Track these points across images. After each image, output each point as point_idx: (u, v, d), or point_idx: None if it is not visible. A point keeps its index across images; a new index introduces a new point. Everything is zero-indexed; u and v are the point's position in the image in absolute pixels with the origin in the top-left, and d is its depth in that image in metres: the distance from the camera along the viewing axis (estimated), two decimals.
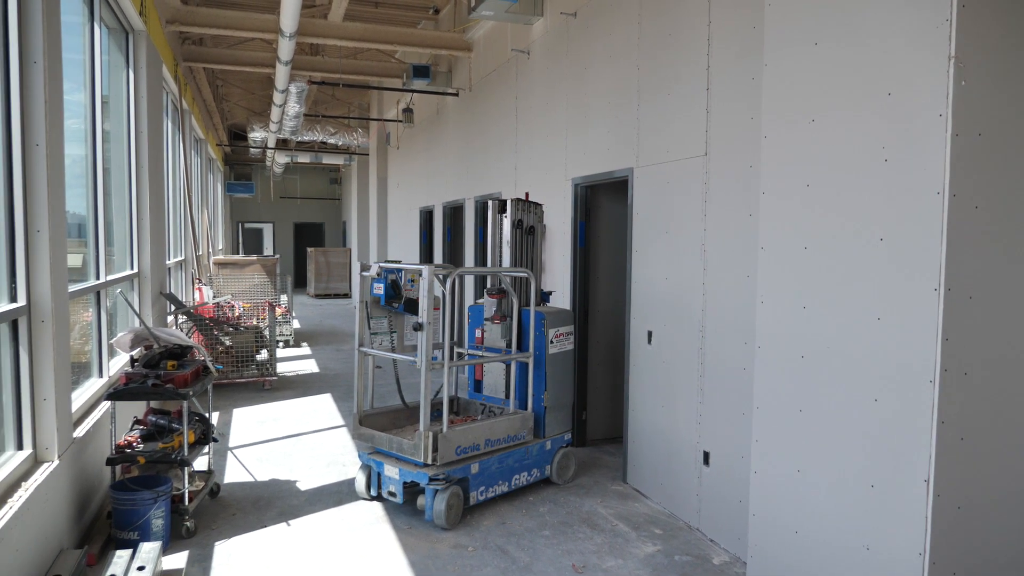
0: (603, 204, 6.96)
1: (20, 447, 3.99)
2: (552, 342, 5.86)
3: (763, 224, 4.05)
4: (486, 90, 9.71)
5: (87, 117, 5.68)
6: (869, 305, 3.37)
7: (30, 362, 4.03)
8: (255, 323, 10.02)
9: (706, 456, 4.94)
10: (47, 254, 4.04)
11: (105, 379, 5.86)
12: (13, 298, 3.94)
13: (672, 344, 5.33)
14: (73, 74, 5.33)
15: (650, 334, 5.60)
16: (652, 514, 5.33)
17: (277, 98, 12.18)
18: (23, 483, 3.75)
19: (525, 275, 5.82)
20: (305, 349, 12.62)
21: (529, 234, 6.12)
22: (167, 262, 8.69)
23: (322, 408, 8.41)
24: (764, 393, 4.05)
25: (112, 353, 6.17)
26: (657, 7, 5.52)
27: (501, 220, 6.01)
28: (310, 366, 11.06)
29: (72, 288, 4.68)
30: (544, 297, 6.22)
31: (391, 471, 5.22)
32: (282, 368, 10.48)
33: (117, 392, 4.78)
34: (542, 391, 5.82)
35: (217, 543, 4.76)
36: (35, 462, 4.05)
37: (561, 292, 7.07)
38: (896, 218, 3.22)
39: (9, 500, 3.53)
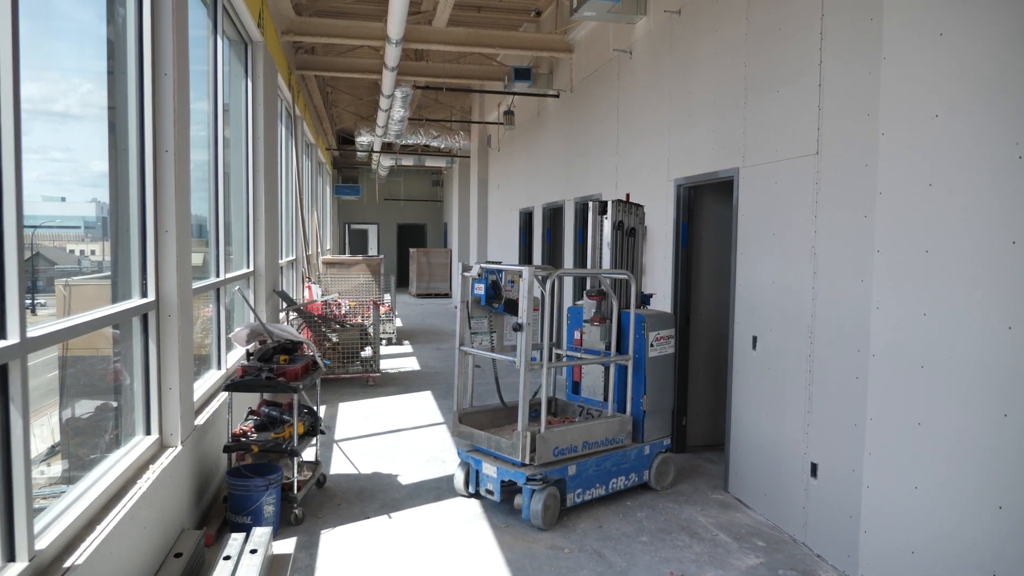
0: (706, 205, 6.79)
1: (148, 432, 4.29)
2: (652, 345, 5.77)
3: (880, 226, 3.85)
4: (587, 91, 9.67)
5: (210, 124, 6.03)
6: (999, 313, 3.15)
7: (158, 353, 4.32)
8: (360, 321, 10.37)
9: (814, 467, 4.73)
10: (174, 253, 4.32)
11: (223, 371, 6.20)
12: (144, 294, 4.24)
13: (779, 350, 5.14)
14: (198, 84, 5.68)
15: (755, 339, 5.42)
16: (755, 525, 5.16)
17: (383, 103, 12.57)
18: (150, 466, 4.03)
19: (625, 277, 5.76)
20: (407, 347, 12.95)
21: (630, 235, 6.05)
22: (280, 261, 9.12)
23: (422, 405, 8.61)
24: (879, 404, 3.85)
25: (230, 347, 6.52)
26: (766, 1, 5.34)
27: (601, 221, 5.96)
28: (411, 364, 11.34)
29: (195, 285, 4.98)
30: (644, 299, 6.14)
31: (489, 469, 5.28)
32: (385, 365, 10.80)
33: (234, 384, 5.06)
34: (641, 395, 5.75)
35: (323, 531, 4.95)
36: (161, 447, 4.33)
37: (662, 295, 6.95)
38: None
39: (138, 481, 3.79)
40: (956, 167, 3.38)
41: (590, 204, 6.05)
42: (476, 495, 5.58)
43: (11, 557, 2.71)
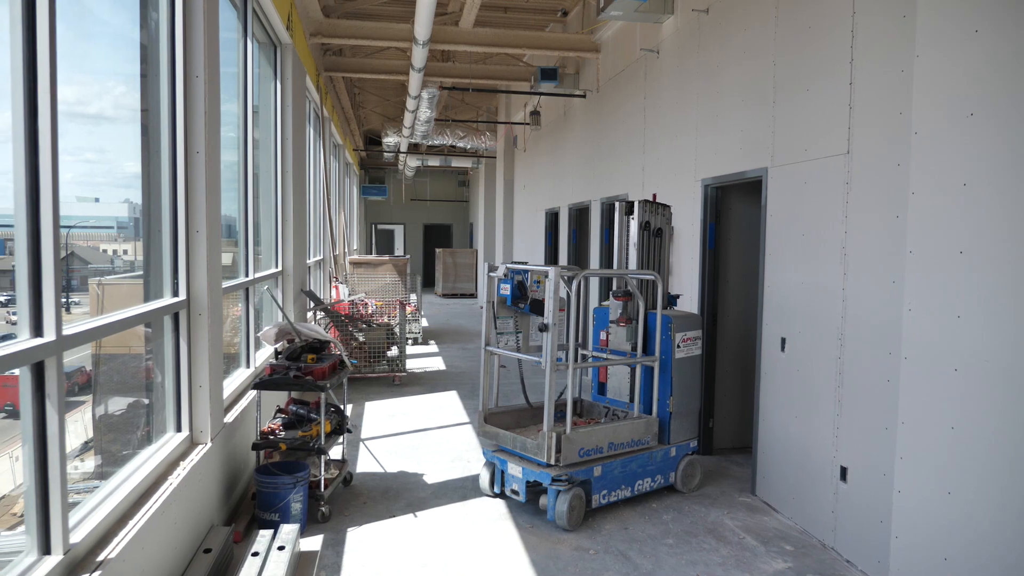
0: (734, 205, 6.73)
1: (179, 429, 4.35)
2: (679, 346, 5.73)
3: (912, 226, 3.79)
4: (614, 91, 9.64)
5: (239, 126, 6.10)
6: None
7: (188, 352, 4.38)
8: (386, 320, 10.43)
9: (843, 471, 4.67)
10: (204, 253, 4.38)
11: (252, 370, 6.27)
12: (175, 293, 4.30)
13: (807, 352, 5.08)
14: (228, 86, 5.75)
15: (783, 341, 5.36)
16: (782, 529, 5.11)
17: (410, 104, 12.63)
18: (181, 462, 4.09)
19: (652, 278, 5.73)
20: (432, 347, 13.00)
21: (656, 236, 6.01)
22: (307, 261, 9.21)
23: (448, 404, 8.63)
24: (911, 407, 3.79)
25: (258, 345, 6.59)
26: None
27: (628, 222, 5.94)
28: (437, 363, 11.38)
29: (225, 284, 5.04)
30: (671, 300, 6.10)
31: (514, 469, 5.28)
32: (411, 364, 10.85)
33: (262, 382, 5.11)
34: (668, 396, 5.71)
35: (349, 529, 4.99)
36: (191, 444, 4.39)
37: (689, 296, 6.91)
38: None
39: (169, 477, 3.85)
40: (992, 166, 3.32)
41: (616, 204, 6.03)
42: (501, 495, 5.58)
43: (47, 550, 2.77)
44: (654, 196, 6.47)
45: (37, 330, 2.75)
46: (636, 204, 5.89)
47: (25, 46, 2.69)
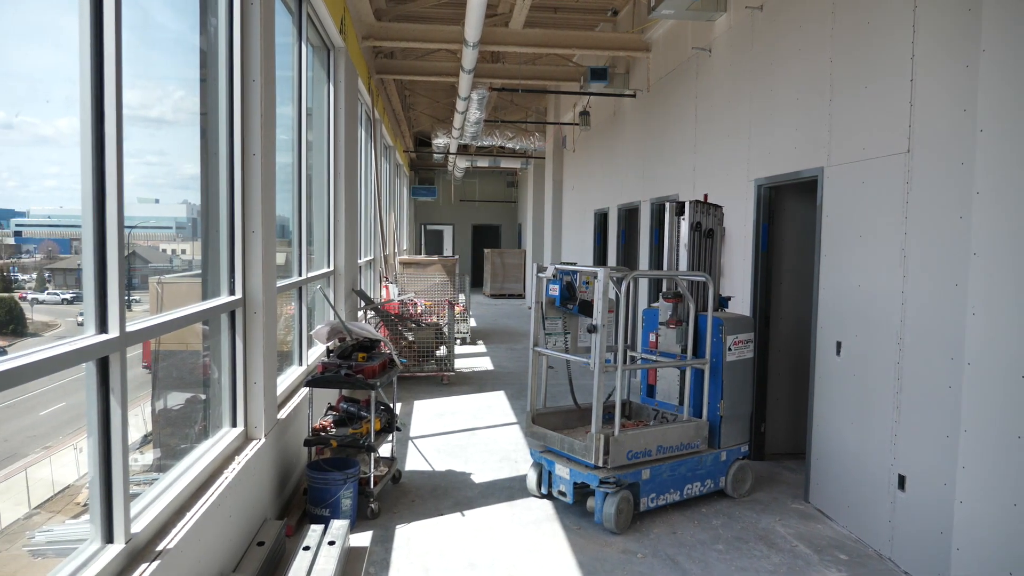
0: (788, 206, 6.60)
1: (234, 424, 4.46)
2: (730, 349, 5.64)
3: (977, 227, 3.66)
4: (664, 90, 9.54)
5: (294, 128, 6.22)
6: None
7: (244, 349, 4.48)
8: (435, 320, 10.51)
9: (901, 480, 4.53)
10: (260, 253, 4.48)
11: (304, 367, 6.39)
12: (232, 291, 4.41)
13: (864, 357, 4.94)
14: (283, 89, 5.86)
15: (839, 345, 5.23)
16: (837, 538, 4.98)
17: (460, 105, 12.71)
18: (236, 457, 4.19)
19: (703, 279, 5.65)
20: (481, 347, 13.05)
21: (708, 237, 5.93)
22: (359, 261, 9.34)
23: (495, 404, 8.66)
24: (974, 415, 3.66)
25: (311, 344, 6.71)
26: None
27: (678, 222, 5.87)
28: (485, 363, 11.42)
29: (279, 284, 5.14)
30: (722, 302, 6.01)
31: (562, 470, 5.27)
32: (459, 364, 10.91)
33: (314, 379, 5.21)
34: (718, 400, 5.63)
35: (398, 526, 5.04)
36: (246, 439, 4.50)
37: (740, 298, 6.79)
38: None
39: (224, 471, 3.95)
40: None
41: (667, 205, 5.96)
42: (548, 496, 5.57)
43: (110, 539, 2.87)
44: (705, 196, 6.38)
45: (102, 326, 2.85)
46: (687, 204, 5.82)
47: (93, 54, 2.79)
